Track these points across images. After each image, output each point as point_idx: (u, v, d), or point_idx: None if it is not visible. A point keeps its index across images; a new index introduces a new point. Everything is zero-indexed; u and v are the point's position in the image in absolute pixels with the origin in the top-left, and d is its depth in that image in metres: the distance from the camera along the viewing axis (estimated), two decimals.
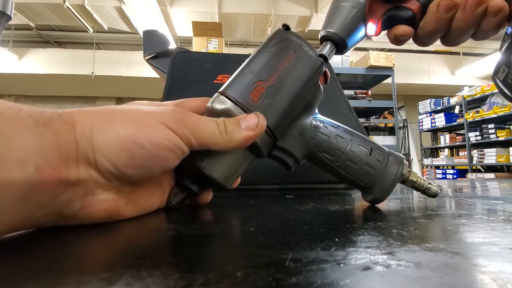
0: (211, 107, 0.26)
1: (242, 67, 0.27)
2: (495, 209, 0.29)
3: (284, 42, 0.28)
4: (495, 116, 3.60)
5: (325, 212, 0.27)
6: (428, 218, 0.24)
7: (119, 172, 0.20)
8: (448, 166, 4.50)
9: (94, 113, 0.21)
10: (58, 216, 0.19)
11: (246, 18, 4.11)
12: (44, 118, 0.18)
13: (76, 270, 0.13)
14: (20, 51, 4.65)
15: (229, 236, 0.20)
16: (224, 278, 0.11)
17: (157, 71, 0.72)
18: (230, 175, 0.27)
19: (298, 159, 0.30)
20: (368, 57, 3.32)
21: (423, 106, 4.82)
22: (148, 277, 0.11)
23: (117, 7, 3.72)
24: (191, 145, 0.23)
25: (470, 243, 0.17)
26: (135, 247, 0.17)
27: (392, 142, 3.58)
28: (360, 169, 0.29)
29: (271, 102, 0.26)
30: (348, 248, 0.15)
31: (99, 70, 4.74)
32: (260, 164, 0.32)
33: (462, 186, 0.62)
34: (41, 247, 0.17)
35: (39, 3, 3.68)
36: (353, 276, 0.12)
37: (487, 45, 4.93)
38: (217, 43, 3.06)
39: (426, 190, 0.31)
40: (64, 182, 0.18)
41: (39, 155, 0.17)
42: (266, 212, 0.27)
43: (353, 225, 0.22)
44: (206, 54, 0.69)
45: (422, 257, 0.14)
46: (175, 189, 0.27)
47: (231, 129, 0.24)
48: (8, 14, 0.62)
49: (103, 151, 0.19)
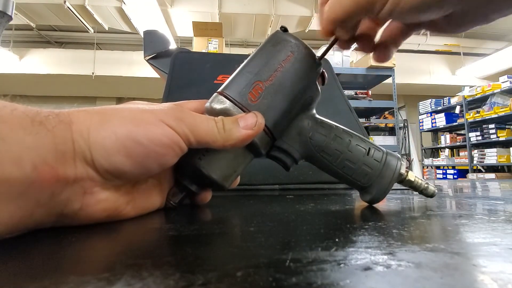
0: (210, 107, 0.26)
1: (241, 68, 0.27)
2: (495, 210, 0.29)
3: (283, 43, 0.28)
4: (496, 116, 3.59)
5: (325, 212, 0.27)
6: (428, 218, 0.24)
7: (117, 170, 0.20)
8: (448, 166, 4.49)
9: (92, 113, 0.21)
10: (58, 216, 0.19)
11: (246, 18, 4.11)
12: (40, 117, 0.18)
13: (76, 270, 0.13)
14: (21, 51, 4.65)
15: (229, 236, 0.20)
16: (224, 278, 0.11)
17: (157, 71, 0.72)
18: (229, 174, 0.27)
19: (296, 159, 0.30)
20: (368, 57, 3.31)
21: (423, 106, 4.81)
22: (148, 277, 0.11)
23: (118, 7, 3.72)
24: (190, 143, 0.23)
25: (470, 244, 0.17)
26: (135, 247, 0.17)
27: (392, 142, 3.57)
28: (358, 169, 0.29)
29: (269, 102, 0.27)
30: (348, 248, 0.15)
31: (100, 70, 4.74)
32: (260, 164, 0.32)
33: (462, 186, 0.62)
34: (41, 247, 0.17)
35: (40, 3, 3.68)
36: (354, 276, 0.12)
37: (488, 45, 4.93)
38: (218, 43, 3.06)
39: (423, 190, 0.31)
40: (61, 180, 0.18)
41: (35, 153, 0.17)
42: (266, 212, 0.27)
43: (353, 225, 0.22)
44: (207, 54, 0.69)
45: (422, 257, 0.14)
46: (174, 189, 0.27)
47: (229, 127, 0.24)
48: (9, 15, 0.62)
49: (100, 150, 0.19)
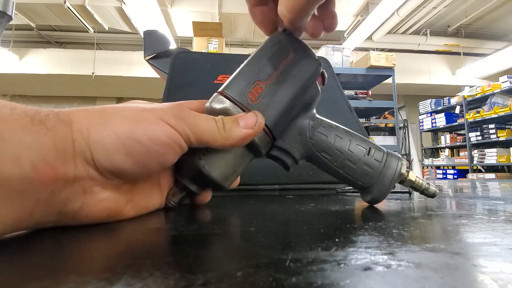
0: (210, 107, 0.26)
1: (241, 67, 0.27)
2: (495, 210, 0.29)
3: (283, 43, 0.28)
4: (496, 116, 3.59)
5: (325, 212, 0.27)
6: (428, 218, 0.24)
7: (117, 169, 0.20)
8: (448, 166, 4.49)
9: (92, 112, 0.21)
10: (58, 215, 0.19)
11: (246, 18, 4.11)
12: (39, 116, 0.18)
13: (76, 270, 0.13)
14: (21, 51, 4.66)
15: (229, 236, 0.20)
16: (224, 278, 0.11)
17: (157, 71, 0.72)
18: (229, 174, 0.27)
19: (296, 159, 0.30)
20: (368, 57, 3.32)
21: (423, 106, 4.81)
22: (148, 277, 0.11)
23: (118, 7, 3.72)
24: (190, 142, 0.23)
25: (470, 244, 0.17)
26: (135, 247, 0.17)
27: (392, 142, 3.57)
28: (358, 169, 0.29)
29: (269, 102, 0.27)
30: (349, 248, 0.15)
31: (100, 70, 4.74)
32: (260, 164, 0.32)
33: (462, 186, 0.62)
34: (41, 247, 0.17)
35: (40, 3, 3.68)
36: (354, 276, 0.12)
37: (488, 45, 4.93)
38: (218, 43, 3.06)
39: (424, 190, 0.31)
40: (61, 179, 0.18)
41: (34, 152, 0.17)
42: (266, 212, 0.27)
43: (353, 225, 0.22)
44: (207, 54, 0.69)
45: (422, 257, 0.14)
46: (174, 189, 0.27)
47: (229, 126, 0.24)
48: (9, 15, 0.62)
49: (100, 149, 0.19)
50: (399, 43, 4.87)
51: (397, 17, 3.85)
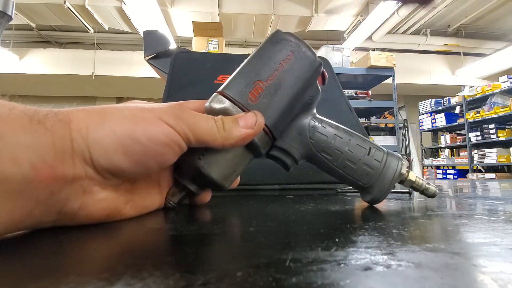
0: (209, 107, 0.26)
1: (241, 67, 0.27)
2: (495, 210, 0.29)
3: (283, 42, 0.28)
4: (496, 116, 3.59)
5: (325, 212, 0.27)
6: (428, 218, 0.24)
7: (116, 168, 0.20)
8: (448, 166, 4.49)
9: (91, 111, 0.21)
10: (57, 215, 0.19)
11: (246, 18, 4.11)
12: (38, 116, 0.18)
13: (76, 270, 0.13)
14: (21, 51, 4.66)
15: (229, 236, 0.20)
16: (224, 278, 0.11)
17: (157, 71, 0.72)
18: (229, 174, 0.26)
19: (296, 159, 0.30)
20: (368, 57, 3.32)
21: (423, 106, 4.81)
22: (148, 277, 0.11)
23: (118, 7, 3.72)
24: (189, 141, 0.23)
25: (470, 244, 0.17)
26: (135, 247, 0.17)
27: (392, 142, 3.57)
28: (358, 169, 0.29)
29: (269, 102, 0.26)
30: (349, 248, 0.15)
31: (100, 70, 4.75)
32: (260, 164, 0.32)
33: (462, 186, 0.62)
34: (41, 247, 0.17)
35: (40, 3, 3.69)
36: (354, 276, 0.12)
37: (488, 45, 4.93)
38: (218, 43, 3.06)
39: (424, 190, 0.31)
40: (59, 179, 0.18)
41: (33, 152, 0.17)
42: (266, 212, 0.27)
43: (353, 225, 0.22)
44: (207, 54, 0.69)
45: (422, 257, 0.14)
46: (173, 189, 0.27)
47: (229, 126, 0.24)
48: (9, 15, 0.62)
49: (99, 148, 0.19)
50: (399, 43, 4.87)
51: (397, 17, 3.85)
